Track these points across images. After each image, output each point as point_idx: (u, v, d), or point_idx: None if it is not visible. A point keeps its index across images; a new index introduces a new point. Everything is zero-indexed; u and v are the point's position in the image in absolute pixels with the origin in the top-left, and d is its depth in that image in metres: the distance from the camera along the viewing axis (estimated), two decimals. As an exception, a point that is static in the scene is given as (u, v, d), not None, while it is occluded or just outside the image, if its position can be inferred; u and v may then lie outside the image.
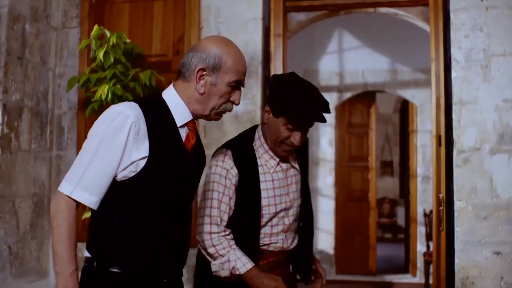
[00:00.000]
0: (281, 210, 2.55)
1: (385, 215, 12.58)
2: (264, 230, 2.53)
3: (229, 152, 2.49)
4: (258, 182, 2.51)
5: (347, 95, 8.31)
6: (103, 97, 3.50)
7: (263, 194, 2.51)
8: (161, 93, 2.10)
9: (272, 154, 2.54)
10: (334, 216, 8.29)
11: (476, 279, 3.48)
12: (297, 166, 2.66)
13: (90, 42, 3.72)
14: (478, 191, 3.53)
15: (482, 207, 3.51)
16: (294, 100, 2.40)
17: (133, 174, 1.93)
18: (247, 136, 2.62)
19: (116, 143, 1.89)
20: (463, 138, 3.57)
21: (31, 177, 3.86)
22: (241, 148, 2.54)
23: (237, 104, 2.11)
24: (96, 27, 3.71)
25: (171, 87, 2.09)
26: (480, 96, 3.57)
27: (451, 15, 3.66)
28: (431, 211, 6.66)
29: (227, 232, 2.47)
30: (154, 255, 1.98)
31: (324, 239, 8.22)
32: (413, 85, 8.00)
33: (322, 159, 8.30)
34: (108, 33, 3.67)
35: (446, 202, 3.66)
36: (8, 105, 3.62)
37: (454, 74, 3.62)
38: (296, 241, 2.68)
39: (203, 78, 2.02)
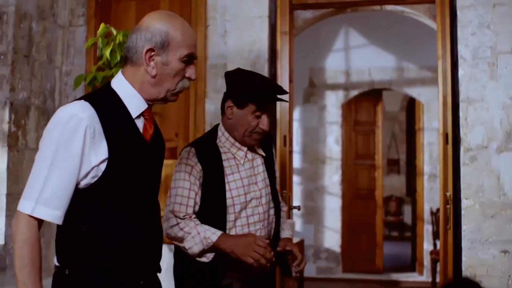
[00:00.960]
0: (251, 199, 2.60)
1: (391, 213, 12.55)
2: (241, 222, 2.57)
3: (193, 150, 2.57)
4: (223, 175, 2.57)
5: (354, 93, 8.29)
6: (110, 95, 3.50)
7: (232, 185, 2.57)
8: (110, 82, 1.95)
9: (239, 145, 2.63)
10: (340, 214, 8.27)
11: (484, 278, 3.47)
12: (263, 153, 2.73)
13: (96, 40, 3.72)
14: (485, 189, 3.51)
15: (489, 205, 3.50)
16: (256, 87, 2.54)
17: (95, 179, 1.80)
18: (209, 135, 2.71)
19: (73, 151, 1.75)
20: (470, 136, 3.56)
21: (38, 175, 3.87)
22: (204, 146, 2.62)
23: (194, 79, 1.95)
24: (102, 25, 3.71)
25: (119, 74, 1.93)
26: (487, 94, 3.56)
27: (458, 13, 3.65)
28: (438, 210, 6.64)
29: (193, 216, 2.53)
30: (129, 257, 1.87)
31: (331, 237, 8.21)
32: (420, 83, 7.98)
33: (328, 157, 8.29)
34: (114, 31, 3.67)
35: (453, 201, 3.65)
36: (15, 103, 3.63)
37: (461, 72, 3.61)
38: (274, 228, 2.72)
39: (153, 59, 1.86)
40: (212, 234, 2.44)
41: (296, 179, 7.68)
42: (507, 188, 3.50)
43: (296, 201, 7.48)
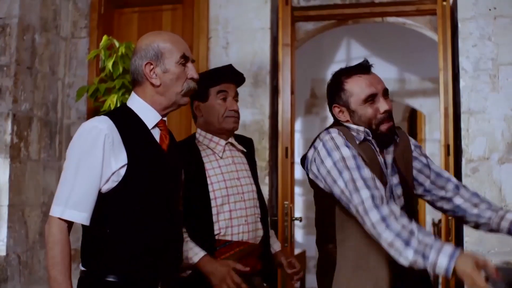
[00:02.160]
0: (233, 194, 2.62)
1: (393, 224, 12.51)
2: (224, 216, 2.58)
3: None
4: (203, 169, 2.62)
5: (355, 104, 8.29)
6: (112, 107, 3.51)
7: (213, 179, 2.61)
8: (125, 103, 2.15)
9: (217, 140, 2.69)
10: (342, 225, 8.24)
11: (486, 289, 3.46)
12: (242, 148, 2.77)
13: (99, 52, 3.74)
14: (487, 201, 3.51)
15: (491, 216, 3.49)
16: (208, 74, 2.73)
17: (116, 183, 1.97)
18: (188, 138, 2.80)
19: (94, 158, 1.94)
20: (471, 147, 3.56)
21: (41, 187, 3.88)
22: (182, 144, 2.68)
23: (196, 78, 2.12)
24: (105, 37, 3.73)
25: (133, 94, 2.13)
26: (489, 105, 3.57)
27: (459, 25, 3.66)
28: (440, 221, 6.62)
29: None
30: (150, 259, 2.00)
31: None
32: (422, 94, 7.99)
33: (330, 168, 8.27)
34: (117, 43, 3.69)
35: (455, 212, 3.64)
36: (17, 114, 3.64)
37: (462, 83, 3.62)
38: (261, 232, 2.71)
39: (154, 71, 2.06)
40: (194, 255, 2.49)
41: (298, 190, 7.68)
42: (509, 200, 3.49)
43: (298, 212, 7.47)
